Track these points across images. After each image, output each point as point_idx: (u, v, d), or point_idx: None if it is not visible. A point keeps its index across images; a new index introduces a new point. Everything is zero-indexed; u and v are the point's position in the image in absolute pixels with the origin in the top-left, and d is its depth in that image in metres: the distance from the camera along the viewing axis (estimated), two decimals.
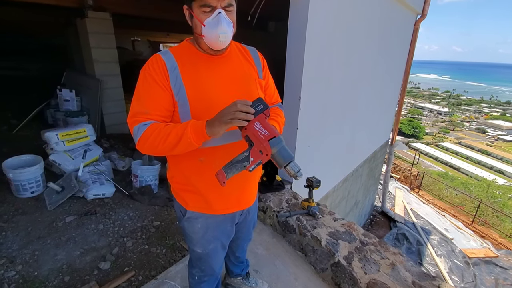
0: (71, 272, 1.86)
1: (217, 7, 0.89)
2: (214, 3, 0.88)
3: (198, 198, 1.09)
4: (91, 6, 3.79)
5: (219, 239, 1.21)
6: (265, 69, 1.16)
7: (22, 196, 2.58)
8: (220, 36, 0.91)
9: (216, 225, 1.17)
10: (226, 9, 0.91)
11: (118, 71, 4.45)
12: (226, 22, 0.90)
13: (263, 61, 1.16)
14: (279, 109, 1.21)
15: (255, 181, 1.23)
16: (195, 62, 0.99)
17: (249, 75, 1.07)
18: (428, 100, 66.95)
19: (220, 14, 0.89)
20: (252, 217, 1.37)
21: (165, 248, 2.13)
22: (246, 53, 1.12)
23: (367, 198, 5.88)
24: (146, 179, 2.82)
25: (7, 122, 4.31)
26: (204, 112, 0.94)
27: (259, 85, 1.10)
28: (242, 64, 1.08)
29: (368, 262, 1.68)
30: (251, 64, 1.10)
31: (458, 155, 34.72)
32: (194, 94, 0.95)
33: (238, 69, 1.05)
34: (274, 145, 0.81)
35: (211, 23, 0.90)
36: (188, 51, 1.01)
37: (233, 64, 1.05)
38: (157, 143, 0.89)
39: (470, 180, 17.80)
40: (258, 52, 1.16)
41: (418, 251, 5.62)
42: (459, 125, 49.70)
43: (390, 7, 3.60)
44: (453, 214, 7.70)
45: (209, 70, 1.00)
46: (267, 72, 1.17)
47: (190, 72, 0.97)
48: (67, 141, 2.94)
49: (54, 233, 2.20)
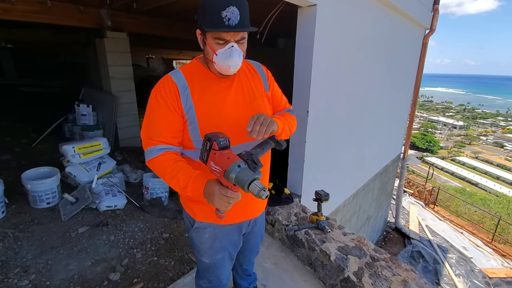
0: (82, 282, 1.89)
1: (231, 41, 0.94)
2: (228, 37, 0.93)
3: (206, 209, 1.11)
4: (109, 26, 4.01)
5: (227, 249, 1.22)
6: (270, 80, 1.20)
7: (38, 207, 2.67)
8: (231, 67, 0.97)
9: (224, 235, 1.19)
10: (239, 42, 0.96)
11: (133, 87, 4.63)
12: (238, 54, 0.95)
13: (268, 73, 1.21)
14: (287, 113, 1.25)
15: None
16: (205, 81, 1.04)
17: (256, 91, 1.12)
18: (442, 114, 65.69)
19: (233, 47, 0.94)
20: (259, 228, 1.37)
21: (173, 260, 2.14)
22: (252, 69, 1.17)
23: (380, 214, 5.73)
24: (157, 191, 2.87)
25: (27, 136, 4.51)
26: (210, 129, 0.99)
27: (266, 98, 1.16)
28: (249, 81, 1.12)
29: (379, 279, 1.64)
30: (257, 79, 1.15)
31: (476, 170, 33.53)
32: (203, 113, 1.01)
33: (245, 86, 1.10)
34: (228, 175, 0.82)
35: (223, 54, 0.95)
36: (198, 71, 1.06)
37: (241, 83, 1.10)
38: (162, 176, 1.00)
39: (489, 196, 17.07)
40: (262, 65, 1.21)
41: (435, 270, 5.37)
42: (476, 139, 48.27)
43: (398, 23, 3.65)
44: (472, 232, 7.38)
45: (218, 89, 1.05)
46: (272, 81, 1.22)
47: (200, 92, 1.02)
48: (82, 154, 3.05)
49: (67, 243, 2.25)
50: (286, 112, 1.25)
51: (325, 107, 2.51)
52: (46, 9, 3.40)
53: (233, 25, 0.89)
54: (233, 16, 0.89)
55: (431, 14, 4.65)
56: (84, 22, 3.84)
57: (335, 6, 2.23)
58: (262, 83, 1.16)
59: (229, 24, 0.89)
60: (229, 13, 0.88)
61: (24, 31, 5.06)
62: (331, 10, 2.19)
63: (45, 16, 3.45)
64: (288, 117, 1.19)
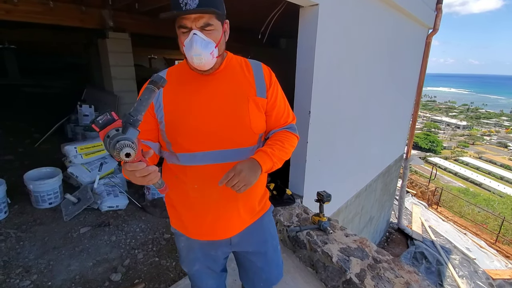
0: (83, 283, 1.89)
1: (192, 28, 0.84)
2: (189, 24, 0.84)
3: (175, 215, 1.08)
4: (111, 27, 4.02)
5: (203, 263, 1.13)
6: (273, 87, 1.01)
7: (40, 207, 2.68)
8: (194, 58, 0.85)
9: (198, 247, 1.10)
10: (204, 29, 0.85)
11: (135, 87, 4.64)
12: (200, 44, 0.84)
13: (269, 77, 1.02)
14: (286, 132, 1.05)
15: (239, 208, 1.03)
16: (182, 80, 0.97)
17: (241, 94, 0.96)
18: (445, 114, 65.30)
19: (195, 35, 0.84)
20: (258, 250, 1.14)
21: (175, 261, 2.14)
22: (247, 68, 1.01)
23: (382, 214, 5.70)
24: (158, 192, 2.86)
25: (30, 136, 4.53)
26: (175, 133, 0.94)
27: (255, 104, 0.97)
28: (236, 81, 0.97)
29: (381, 281, 1.62)
30: (248, 81, 0.98)
31: (479, 170, 33.28)
32: (170, 114, 0.94)
33: (227, 87, 0.96)
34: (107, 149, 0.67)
35: (187, 44, 0.85)
36: (181, 69, 1.00)
37: (224, 82, 0.96)
38: None
39: (493, 197, 16.95)
40: (265, 67, 1.04)
41: (438, 271, 5.34)
42: (479, 139, 47.92)
43: (401, 22, 3.63)
44: (475, 233, 7.33)
45: (193, 89, 0.95)
46: (275, 90, 1.02)
47: (173, 91, 0.95)
48: (84, 154, 3.05)
49: (69, 243, 2.25)
50: (284, 132, 1.05)
51: (327, 107, 2.49)
52: (48, 9, 3.41)
53: (190, 9, 0.80)
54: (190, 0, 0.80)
55: (434, 13, 4.61)
56: (86, 22, 3.85)
57: (337, 6, 2.22)
58: (253, 86, 0.98)
59: (186, 8, 0.80)
60: None
61: (27, 32, 5.09)
62: (333, 10, 2.17)
63: (47, 16, 3.47)
64: (282, 143, 1.00)
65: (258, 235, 1.13)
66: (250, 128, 0.96)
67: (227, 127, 0.94)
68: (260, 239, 1.14)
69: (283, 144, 1.00)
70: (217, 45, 0.88)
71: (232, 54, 1.03)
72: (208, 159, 0.95)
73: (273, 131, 1.06)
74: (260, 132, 1.01)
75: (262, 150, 0.95)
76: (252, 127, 0.97)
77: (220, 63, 0.96)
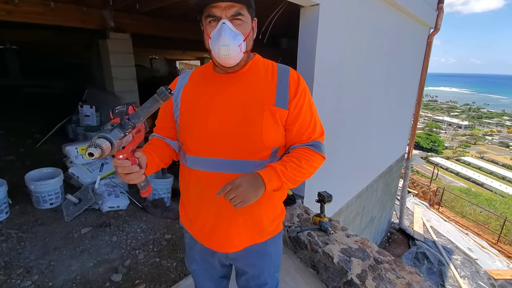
0: (84, 283, 1.89)
1: (222, 18, 0.80)
2: (218, 13, 0.80)
3: (184, 212, 1.07)
4: (112, 27, 4.02)
5: (201, 265, 1.10)
6: (298, 98, 0.90)
7: (41, 208, 2.68)
8: (221, 49, 0.80)
9: (198, 249, 1.06)
10: (234, 19, 0.81)
11: (136, 87, 4.63)
12: (229, 34, 0.79)
13: (296, 87, 0.90)
14: (307, 149, 0.91)
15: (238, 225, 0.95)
16: (202, 81, 0.95)
17: (257, 101, 0.88)
18: (446, 113, 65.12)
19: (224, 25, 0.79)
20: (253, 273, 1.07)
21: (175, 262, 2.13)
22: (272, 74, 0.91)
23: (384, 215, 5.69)
24: (159, 192, 2.87)
25: (31, 137, 4.54)
26: (185, 134, 0.93)
27: (271, 114, 0.87)
28: (256, 87, 0.89)
29: (382, 281, 1.61)
30: (269, 88, 0.89)
31: (481, 170, 33.18)
32: (184, 114, 0.93)
33: (245, 92, 0.89)
34: None
35: (215, 36, 0.81)
36: (204, 70, 0.97)
37: (242, 86, 0.90)
38: None
39: (495, 197, 16.89)
40: (294, 74, 0.92)
41: (440, 271, 5.32)
42: (481, 139, 47.76)
43: (402, 22, 3.62)
44: (477, 233, 7.30)
45: (210, 91, 0.91)
46: (301, 101, 0.90)
47: (191, 92, 0.94)
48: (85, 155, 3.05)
49: (69, 244, 2.26)
50: (305, 149, 0.90)
51: (328, 107, 2.49)
52: (49, 10, 3.41)
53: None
54: None
55: (436, 13, 4.60)
56: (87, 23, 3.85)
57: (337, 6, 2.21)
58: (273, 94, 0.88)
59: None
60: None
61: (28, 32, 5.10)
62: (334, 10, 2.17)
63: (48, 17, 3.47)
64: (299, 161, 0.87)
65: (257, 259, 1.04)
66: (260, 140, 0.87)
67: (234, 135, 0.87)
68: (259, 263, 1.05)
69: (300, 163, 0.87)
70: (245, 39, 0.84)
71: (260, 57, 0.97)
72: (211, 166, 0.90)
73: (294, 146, 0.93)
74: (274, 146, 0.90)
75: (271, 166, 0.84)
76: (263, 140, 0.87)
77: (245, 62, 0.90)
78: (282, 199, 1.07)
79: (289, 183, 0.85)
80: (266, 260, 1.06)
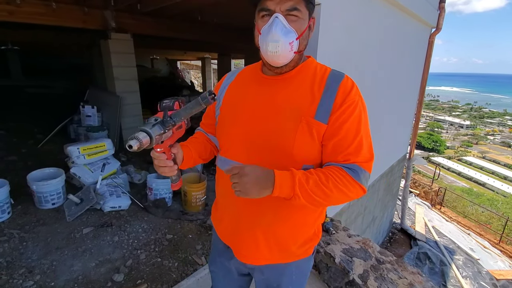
0: (86, 283, 1.89)
1: (275, 11, 0.73)
2: (272, 6, 0.74)
3: (215, 209, 1.06)
4: (114, 28, 4.04)
5: (220, 270, 1.07)
6: (342, 111, 0.78)
7: (43, 208, 2.69)
8: (269, 44, 0.73)
9: (220, 250, 1.03)
10: (289, 13, 0.74)
11: (137, 88, 4.65)
12: (280, 29, 0.72)
13: (343, 99, 0.78)
14: (341, 171, 0.77)
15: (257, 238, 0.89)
16: (247, 81, 0.92)
17: (296, 111, 0.79)
18: (448, 113, 64.93)
19: (276, 19, 0.73)
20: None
21: (177, 262, 2.14)
22: (320, 82, 0.81)
23: (385, 214, 5.68)
24: (161, 192, 2.87)
25: (33, 137, 4.56)
26: (220, 133, 0.94)
27: (308, 127, 0.78)
28: (299, 94, 0.81)
29: (384, 282, 1.61)
30: (312, 97, 0.80)
31: (483, 170, 33.07)
32: (222, 113, 0.92)
33: (286, 99, 0.81)
34: None
35: (265, 30, 0.75)
36: (252, 69, 0.92)
37: (284, 91, 0.82)
38: None
39: (497, 197, 16.83)
40: (346, 85, 0.82)
41: (442, 272, 5.30)
42: (483, 139, 47.60)
43: (404, 21, 3.61)
44: (479, 233, 7.28)
45: (251, 92, 0.87)
46: (345, 115, 0.78)
47: (233, 92, 0.92)
48: (87, 155, 3.06)
49: (71, 244, 2.26)
50: (338, 170, 0.76)
51: None
52: (51, 11, 3.43)
53: None
54: None
55: (437, 12, 4.58)
56: (89, 23, 3.87)
57: (339, 6, 2.20)
58: (315, 104, 0.78)
59: None
60: None
61: (30, 33, 5.12)
62: (335, 10, 2.16)
63: (50, 18, 3.49)
64: (326, 179, 0.74)
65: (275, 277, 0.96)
66: (290, 153, 0.79)
67: (263, 143, 0.81)
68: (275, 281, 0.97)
69: (327, 182, 0.74)
70: (298, 37, 0.76)
71: (315, 60, 0.89)
72: None
73: (328, 163, 0.81)
74: (305, 163, 0.81)
75: (292, 173, 0.74)
76: (293, 153, 0.78)
77: (295, 64, 0.83)
78: (317, 221, 0.95)
79: (303, 199, 0.73)
80: (284, 280, 0.97)
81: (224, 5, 3.65)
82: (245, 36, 5.57)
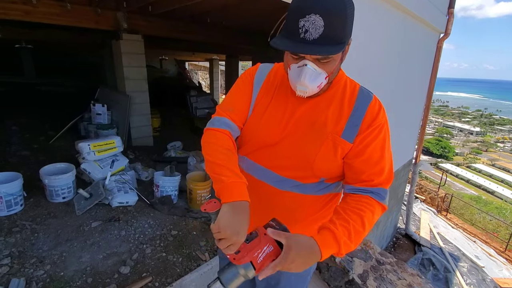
0: (94, 274, 1.96)
1: (306, 57, 0.73)
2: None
3: None
4: (125, 29, 4.14)
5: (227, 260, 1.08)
6: (369, 133, 0.81)
7: (54, 201, 2.78)
8: (298, 89, 0.77)
9: None
10: (319, 60, 0.73)
11: (146, 87, 4.75)
12: (309, 77, 0.73)
13: (371, 121, 0.82)
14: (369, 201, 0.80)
15: None
16: (280, 85, 0.90)
17: (323, 126, 0.82)
18: (457, 119, 64.01)
19: (306, 66, 0.73)
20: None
21: (181, 257, 2.19)
22: (349, 101, 0.84)
23: (390, 219, 5.65)
24: (167, 189, 2.94)
25: (45, 133, 4.69)
26: (248, 132, 0.92)
27: (333, 145, 0.81)
28: (326, 110, 0.83)
29: (384, 282, 1.64)
30: (340, 116, 0.83)
31: (492, 177, 32.47)
32: (254, 113, 0.91)
33: (313, 113, 0.84)
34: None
35: (294, 71, 0.76)
36: (283, 77, 0.90)
37: (313, 106, 0.85)
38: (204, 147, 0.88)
39: (506, 205, 16.52)
40: (375, 105, 0.85)
41: (446, 278, 5.25)
42: (493, 146, 46.76)
43: (411, 26, 3.62)
44: (485, 241, 7.17)
45: (283, 99, 0.88)
46: (371, 136, 0.81)
47: (266, 92, 0.91)
48: (97, 151, 3.15)
49: (80, 236, 2.34)
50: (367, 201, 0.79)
51: None
52: (65, 11, 3.55)
53: (310, 40, 0.67)
54: (312, 28, 0.66)
55: (446, 17, 4.57)
56: (101, 24, 3.98)
57: None
58: (343, 123, 0.82)
59: (304, 37, 0.67)
60: (308, 23, 0.66)
61: (44, 32, 5.27)
62: None
63: (65, 18, 3.60)
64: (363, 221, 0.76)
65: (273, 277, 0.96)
66: (311, 167, 0.83)
67: (287, 153, 0.85)
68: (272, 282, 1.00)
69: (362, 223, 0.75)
70: (328, 75, 0.76)
71: (345, 74, 0.90)
72: (258, 173, 0.90)
73: (350, 187, 0.84)
74: (323, 177, 0.85)
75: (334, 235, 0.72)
76: (313, 167, 0.82)
77: (324, 89, 0.85)
78: None
79: (344, 253, 0.73)
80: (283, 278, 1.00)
81: (233, 8, 3.72)
82: (253, 38, 5.64)
